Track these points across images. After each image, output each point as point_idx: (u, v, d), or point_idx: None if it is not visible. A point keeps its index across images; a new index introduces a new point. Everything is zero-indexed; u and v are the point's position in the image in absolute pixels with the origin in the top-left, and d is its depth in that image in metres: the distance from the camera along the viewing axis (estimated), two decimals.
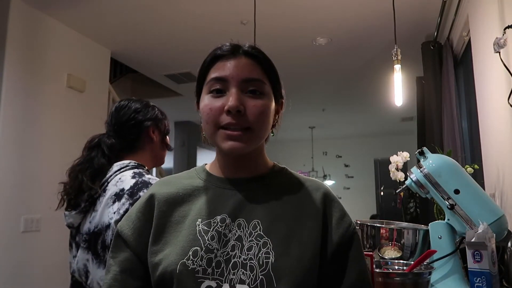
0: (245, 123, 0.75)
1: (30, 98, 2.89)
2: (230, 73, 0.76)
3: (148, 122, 1.30)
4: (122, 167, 1.23)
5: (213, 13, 3.04)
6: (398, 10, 2.46)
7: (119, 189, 1.17)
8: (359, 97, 5.54)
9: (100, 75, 3.62)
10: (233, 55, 0.78)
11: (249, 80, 0.77)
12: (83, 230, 1.21)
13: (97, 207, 1.19)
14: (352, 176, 8.71)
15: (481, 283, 1.02)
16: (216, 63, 0.79)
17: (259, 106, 0.76)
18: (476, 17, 2.22)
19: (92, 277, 1.15)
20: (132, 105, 1.31)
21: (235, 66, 0.77)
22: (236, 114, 0.74)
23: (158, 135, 1.34)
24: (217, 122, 0.76)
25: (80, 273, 1.19)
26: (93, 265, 1.15)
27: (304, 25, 3.26)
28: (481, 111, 2.18)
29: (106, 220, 1.16)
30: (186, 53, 3.84)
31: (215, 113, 0.76)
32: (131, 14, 3.06)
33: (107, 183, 1.21)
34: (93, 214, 1.20)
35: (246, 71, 0.77)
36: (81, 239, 1.20)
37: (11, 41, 2.75)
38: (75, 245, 1.24)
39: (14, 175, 2.75)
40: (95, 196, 1.21)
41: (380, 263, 1.13)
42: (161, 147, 1.35)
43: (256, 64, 0.79)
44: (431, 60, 3.12)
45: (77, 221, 1.24)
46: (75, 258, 1.21)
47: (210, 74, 0.79)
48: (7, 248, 2.66)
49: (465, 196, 1.22)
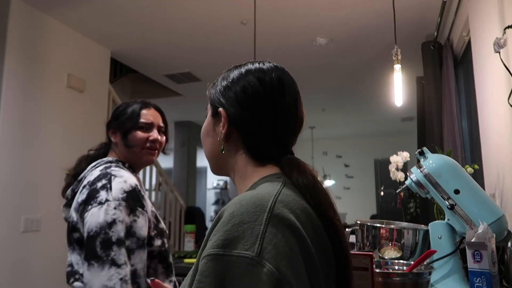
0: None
1: (30, 98, 2.89)
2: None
3: (109, 125, 1.40)
4: (97, 163, 1.34)
5: (213, 13, 3.04)
6: (398, 10, 2.45)
7: (96, 178, 1.27)
8: (359, 97, 5.54)
9: (100, 75, 3.62)
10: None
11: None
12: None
13: (75, 199, 1.30)
14: (352, 176, 8.71)
15: (481, 283, 1.02)
16: None
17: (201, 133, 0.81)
18: (476, 17, 2.22)
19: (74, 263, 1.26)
20: (126, 105, 1.43)
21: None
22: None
23: (119, 135, 1.38)
24: None
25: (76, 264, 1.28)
26: (72, 255, 1.27)
27: (304, 25, 3.26)
28: (481, 111, 2.18)
29: (74, 215, 1.27)
30: (186, 53, 3.84)
31: None
32: (131, 14, 3.06)
33: (84, 176, 1.32)
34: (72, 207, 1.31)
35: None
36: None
37: (11, 41, 2.75)
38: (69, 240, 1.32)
39: (14, 175, 2.75)
40: (76, 190, 1.32)
41: (380, 263, 1.13)
42: (124, 146, 1.37)
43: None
44: (431, 60, 3.12)
45: (67, 215, 1.33)
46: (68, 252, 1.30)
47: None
48: (7, 248, 2.66)
49: (465, 196, 1.22)
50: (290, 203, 0.62)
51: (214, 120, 0.77)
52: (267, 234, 0.55)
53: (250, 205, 0.58)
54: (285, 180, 0.68)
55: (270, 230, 0.55)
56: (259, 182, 0.70)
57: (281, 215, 0.58)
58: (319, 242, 0.62)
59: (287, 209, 0.60)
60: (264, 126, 0.72)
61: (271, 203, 0.59)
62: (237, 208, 0.58)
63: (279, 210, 0.59)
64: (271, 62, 0.78)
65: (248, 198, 0.60)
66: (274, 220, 0.57)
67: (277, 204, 0.59)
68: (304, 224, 0.61)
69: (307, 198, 0.66)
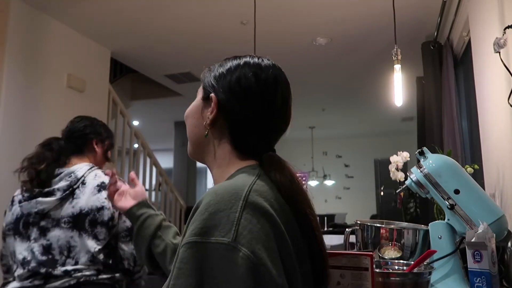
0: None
1: (30, 98, 2.89)
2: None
3: (92, 135, 1.60)
4: (91, 167, 1.53)
5: (213, 13, 3.04)
6: (398, 10, 2.45)
7: (100, 182, 1.47)
8: (359, 97, 5.54)
9: (100, 75, 3.62)
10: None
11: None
12: (62, 214, 1.41)
13: (79, 195, 1.43)
14: (352, 176, 8.71)
15: (481, 283, 1.02)
16: None
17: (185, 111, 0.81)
18: (476, 17, 2.22)
19: (79, 248, 1.38)
20: (82, 122, 1.65)
21: None
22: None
23: (101, 148, 1.63)
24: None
25: (61, 250, 1.38)
26: (80, 239, 1.38)
27: (304, 25, 3.26)
28: (481, 111, 2.18)
29: (97, 204, 1.42)
30: (186, 53, 3.84)
31: None
32: (131, 14, 3.06)
33: (83, 178, 1.47)
34: (73, 201, 1.42)
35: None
36: (58, 222, 1.40)
37: (11, 41, 2.75)
38: (38, 230, 1.40)
39: (14, 175, 2.74)
40: (73, 186, 1.44)
41: (380, 263, 1.13)
42: (103, 158, 1.67)
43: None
44: (431, 60, 3.12)
45: (50, 207, 1.42)
46: (34, 241, 1.39)
47: None
48: None
49: (465, 196, 1.22)
50: (265, 192, 0.64)
51: (203, 104, 0.77)
52: (242, 220, 0.57)
53: (225, 194, 0.60)
54: (260, 172, 0.69)
55: (245, 216, 0.57)
56: (236, 173, 0.71)
57: (255, 203, 0.60)
58: (292, 232, 0.64)
59: (262, 198, 0.62)
60: (251, 119, 0.72)
61: (246, 192, 0.61)
62: (213, 198, 0.60)
63: (254, 198, 0.60)
64: (270, 60, 0.79)
65: (223, 188, 0.62)
66: (249, 207, 0.59)
67: (252, 193, 0.61)
68: (278, 212, 0.62)
69: (282, 193, 0.67)
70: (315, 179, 8.27)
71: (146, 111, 6.31)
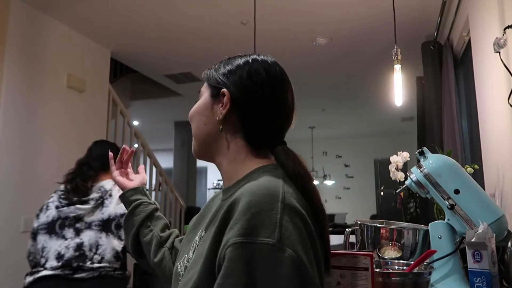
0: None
1: (30, 98, 2.89)
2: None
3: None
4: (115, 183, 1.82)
5: (213, 13, 3.04)
6: (398, 10, 2.46)
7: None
8: (359, 97, 5.54)
9: (100, 75, 3.62)
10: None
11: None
12: (93, 219, 1.76)
13: (107, 205, 1.79)
14: (352, 176, 8.71)
15: (481, 283, 1.02)
16: None
17: (190, 112, 0.83)
18: (476, 17, 2.22)
19: (105, 246, 1.72)
20: (107, 145, 1.98)
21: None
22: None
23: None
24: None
25: (91, 247, 1.70)
26: (107, 239, 1.73)
27: (304, 25, 3.26)
28: (481, 111, 2.18)
29: (121, 212, 1.76)
30: (186, 53, 3.84)
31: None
32: (131, 14, 3.06)
33: (110, 191, 1.82)
34: (103, 209, 1.78)
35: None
36: (90, 225, 1.74)
37: (11, 41, 2.75)
38: (74, 230, 1.73)
39: (14, 175, 2.75)
40: (104, 198, 1.80)
41: (380, 263, 1.13)
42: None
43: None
44: (431, 60, 3.12)
45: (85, 213, 1.76)
46: (70, 239, 1.71)
47: None
48: (7, 248, 2.66)
49: (465, 196, 1.22)
50: (294, 194, 0.66)
51: (213, 101, 0.78)
52: (283, 222, 0.59)
53: (264, 195, 0.62)
54: (283, 173, 0.71)
55: (285, 218, 0.60)
56: (257, 171, 0.72)
57: (292, 205, 0.63)
58: (316, 230, 0.66)
59: (294, 199, 0.64)
60: (264, 113, 0.74)
61: (282, 193, 0.63)
62: (253, 198, 0.62)
63: (289, 200, 0.63)
64: (273, 58, 0.81)
65: (260, 188, 0.64)
66: (287, 209, 0.61)
67: (286, 194, 0.64)
68: (307, 212, 0.65)
69: (300, 190, 0.69)
70: (315, 179, 8.27)
71: (146, 111, 6.31)
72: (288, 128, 0.79)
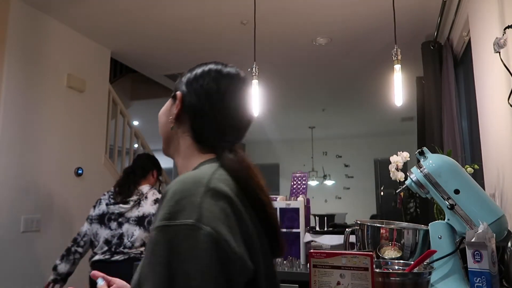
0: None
1: (30, 98, 2.89)
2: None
3: (151, 167, 2.50)
4: (151, 187, 2.41)
5: (213, 13, 3.04)
6: (398, 10, 2.46)
7: (156, 197, 2.36)
8: (359, 97, 5.54)
9: (100, 75, 3.63)
10: None
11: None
12: (131, 215, 2.27)
13: (143, 205, 2.31)
14: (352, 176, 8.72)
15: (481, 283, 1.02)
16: None
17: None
18: (476, 17, 2.22)
19: (137, 237, 2.23)
20: (147, 158, 2.58)
21: None
22: None
23: (156, 176, 2.52)
24: None
25: (128, 237, 2.22)
26: (139, 231, 2.24)
27: (304, 25, 3.26)
28: (481, 111, 2.18)
29: (153, 211, 2.28)
30: (186, 53, 3.84)
31: None
32: (131, 14, 3.06)
33: (146, 194, 2.35)
34: (139, 208, 2.29)
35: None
36: (128, 220, 2.26)
37: (11, 41, 2.75)
38: (117, 223, 2.26)
39: (14, 175, 2.75)
40: (141, 199, 2.31)
41: (380, 263, 1.13)
42: (156, 180, 2.54)
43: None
44: (431, 60, 3.12)
45: (126, 210, 2.27)
46: (114, 230, 2.25)
47: None
48: (7, 248, 2.66)
49: (465, 196, 1.22)
50: (226, 180, 0.72)
51: (171, 102, 0.87)
52: (204, 204, 0.64)
53: (189, 183, 0.68)
54: (220, 163, 0.77)
55: (206, 200, 0.65)
56: (199, 165, 0.80)
57: (216, 188, 0.68)
58: (250, 215, 0.71)
59: (223, 183, 0.70)
60: (208, 116, 0.81)
61: (208, 179, 0.69)
62: (178, 186, 0.67)
63: (215, 184, 0.68)
64: (234, 67, 0.87)
65: (187, 177, 0.70)
66: (210, 192, 0.66)
67: (213, 179, 0.69)
68: (237, 196, 0.70)
69: (236, 181, 0.74)
70: (315, 179, 8.27)
71: (146, 111, 6.29)
72: (240, 129, 0.84)
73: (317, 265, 0.92)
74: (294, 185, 2.52)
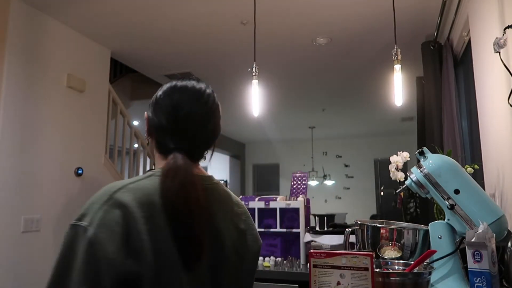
0: None
1: (30, 98, 2.89)
2: None
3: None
4: None
5: (213, 13, 3.04)
6: (398, 10, 2.46)
7: None
8: (359, 97, 5.54)
9: (100, 75, 3.63)
10: None
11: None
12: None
13: None
14: (352, 176, 8.72)
15: (481, 283, 1.02)
16: None
17: None
18: (476, 17, 2.22)
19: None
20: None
21: None
22: None
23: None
24: None
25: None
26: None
27: (304, 25, 3.26)
28: (481, 111, 2.18)
29: None
30: (186, 53, 3.84)
31: None
32: (131, 14, 3.06)
33: None
34: None
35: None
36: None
37: (11, 41, 2.75)
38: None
39: (14, 175, 2.75)
40: None
41: (380, 263, 1.13)
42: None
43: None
44: (431, 60, 3.12)
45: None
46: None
47: None
48: (7, 248, 2.66)
49: (465, 196, 1.22)
50: (138, 190, 0.78)
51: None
52: (97, 209, 0.73)
53: (102, 191, 0.77)
54: (155, 173, 0.83)
55: (102, 207, 0.74)
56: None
57: (118, 200, 0.75)
58: (155, 224, 0.75)
59: (129, 194, 0.76)
60: (163, 130, 0.89)
61: (117, 188, 0.77)
62: (96, 193, 0.78)
63: (120, 196, 0.75)
64: (195, 80, 0.97)
65: (107, 186, 0.79)
66: (110, 201, 0.74)
67: (121, 190, 0.76)
68: (142, 207, 0.75)
69: (160, 192, 0.78)
70: (315, 179, 8.27)
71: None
72: (201, 142, 0.91)
73: (317, 265, 0.92)
74: (294, 185, 2.52)
